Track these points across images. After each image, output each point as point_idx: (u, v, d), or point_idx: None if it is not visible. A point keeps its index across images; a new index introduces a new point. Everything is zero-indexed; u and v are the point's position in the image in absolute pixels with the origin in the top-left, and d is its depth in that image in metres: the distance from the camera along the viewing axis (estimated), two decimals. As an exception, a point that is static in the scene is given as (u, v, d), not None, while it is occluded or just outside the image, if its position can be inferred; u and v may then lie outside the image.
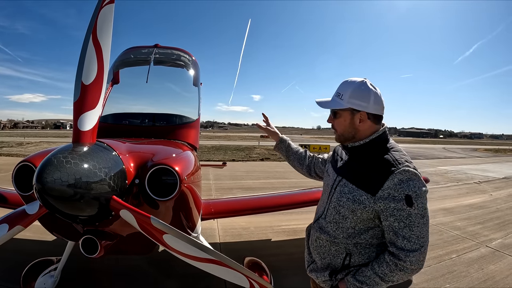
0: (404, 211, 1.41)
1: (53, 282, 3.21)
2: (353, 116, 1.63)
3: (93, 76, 1.86)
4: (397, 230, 1.43)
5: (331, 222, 1.65)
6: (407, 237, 1.42)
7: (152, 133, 3.61)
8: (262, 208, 4.06)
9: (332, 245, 1.65)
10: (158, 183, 2.09)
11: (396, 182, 1.43)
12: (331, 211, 1.66)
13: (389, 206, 1.43)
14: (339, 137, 1.73)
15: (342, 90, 1.65)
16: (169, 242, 1.72)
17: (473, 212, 7.64)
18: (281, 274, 3.79)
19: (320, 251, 1.72)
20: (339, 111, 1.67)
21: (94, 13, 1.85)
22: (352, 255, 1.60)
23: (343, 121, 1.67)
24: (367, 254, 1.59)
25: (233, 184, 10.59)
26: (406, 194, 1.41)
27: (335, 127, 1.73)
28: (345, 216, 1.58)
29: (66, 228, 2.25)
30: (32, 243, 4.61)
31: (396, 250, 1.44)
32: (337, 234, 1.62)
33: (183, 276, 3.75)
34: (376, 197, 1.46)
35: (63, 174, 1.55)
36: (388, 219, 1.45)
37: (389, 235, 1.48)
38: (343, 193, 1.60)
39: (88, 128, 1.81)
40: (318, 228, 1.74)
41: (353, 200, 1.53)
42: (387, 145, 1.61)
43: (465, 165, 19.88)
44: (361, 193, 1.51)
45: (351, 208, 1.54)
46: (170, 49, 4.45)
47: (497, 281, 3.98)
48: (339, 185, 1.66)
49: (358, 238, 1.58)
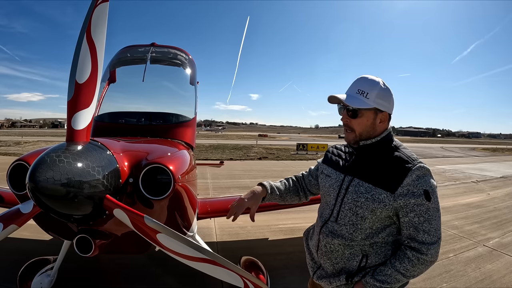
0: (423, 206, 1.43)
1: (49, 282, 3.19)
2: (375, 116, 1.58)
3: (87, 75, 1.85)
4: (417, 225, 1.45)
5: (347, 225, 1.57)
6: (427, 231, 1.44)
7: (149, 132, 3.60)
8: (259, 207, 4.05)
9: (346, 248, 1.58)
10: (152, 182, 2.09)
11: (414, 178, 1.44)
12: (345, 213, 1.58)
13: (409, 202, 1.44)
14: (355, 137, 1.62)
15: (366, 88, 1.56)
16: (163, 242, 1.71)
17: (471, 211, 7.66)
18: (278, 273, 3.79)
19: (331, 256, 1.63)
20: (362, 110, 1.57)
21: (88, 12, 1.84)
22: (368, 256, 1.56)
23: (365, 120, 1.58)
24: (383, 253, 1.57)
25: (231, 183, 10.60)
26: (424, 189, 1.44)
27: (353, 126, 1.60)
28: (364, 216, 1.53)
29: (60, 227, 2.24)
30: (28, 242, 4.60)
31: (417, 245, 1.45)
32: (354, 237, 1.55)
33: (180, 275, 3.74)
34: (396, 194, 1.45)
35: (56, 173, 1.54)
36: (408, 215, 1.46)
37: (408, 231, 1.48)
38: (359, 193, 1.53)
39: (82, 127, 1.80)
40: (328, 233, 1.64)
41: (373, 200, 1.49)
42: (393, 143, 1.62)
43: (463, 164, 19.96)
44: (380, 192, 1.48)
45: (371, 208, 1.49)
46: (167, 48, 4.44)
47: (494, 280, 3.99)
48: (351, 185, 1.59)
49: (376, 238, 1.55)
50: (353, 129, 1.61)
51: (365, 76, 1.61)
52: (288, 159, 20.45)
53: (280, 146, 33.82)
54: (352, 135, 1.63)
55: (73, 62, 1.83)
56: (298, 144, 26.70)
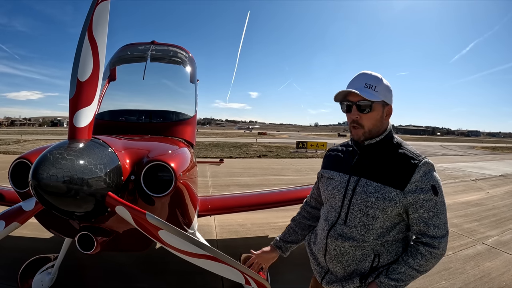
0: (432, 200, 1.46)
1: (50, 280, 3.21)
2: (383, 109, 1.58)
3: (89, 73, 1.86)
4: (427, 220, 1.46)
5: (357, 226, 1.54)
6: (436, 225, 1.47)
7: (149, 129, 3.61)
8: (259, 204, 4.07)
9: (357, 250, 1.55)
10: (153, 180, 2.10)
11: (421, 174, 1.46)
12: (355, 215, 1.55)
13: (418, 198, 1.45)
14: (365, 133, 1.58)
15: (374, 81, 1.54)
16: (165, 238, 1.72)
17: (470, 210, 7.69)
18: (278, 270, 3.80)
19: (341, 259, 1.59)
20: (374, 104, 1.54)
21: (89, 10, 1.84)
22: (380, 255, 1.56)
23: (375, 114, 1.56)
24: (394, 251, 1.58)
25: (230, 181, 10.61)
26: (432, 185, 1.46)
27: (363, 122, 1.56)
28: (375, 216, 1.51)
29: (62, 225, 2.25)
30: (29, 240, 4.61)
31: (429, 240, 1.47)
32: (366, 238, 1.53)
33: (181, 272, 3.75)
34: (405, 191, 1.46)
35: (59, 170, 1.55)
36: (418, 211, 1.47)
37: (418, 227, 1.49)
38: (369, 192, 1.51)
39: (83, 125, 1.81)
40: (337, 236, 1.59)
41: (383, 198, 1.48)
42: (395, 140, 1.62)
43: (462, 163, 20.00)
44: (390, 190, 1.48)
45: (382, 207, 1.48)
46: (167, 46, 4.44)
47: (493, 278, 4.01)
48: (359, 185, 1.56)
49: (387, 236, 1.55)
50: (362, 125, 1.57)
51: (366, 71, 1.60)
52: (287, 157, 20.47)
53: (280, 144, 33.85)
54: (361, 131, 1.58)
55: (74, 60, 1.84)
56: (297, 142, 26.70)
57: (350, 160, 1.68)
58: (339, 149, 1.83)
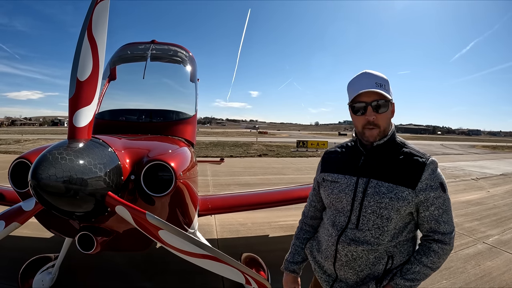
0: (441, 198, 1.48)
1: (51, 279, 3.21)
2: (391, 108, 1.57)
3: (89, 72, 1.85)
4: (438, 217, 1.48)
5: (371, 229, 1.49)
6: (446, 221, 1.49)
7: (149, 129, 3.61)
8: (259, 204, 4.06)
9: (370, 253, 1.51)
10: (153, 179, 2.09)
11: (430, 172, 1.47)
12: (368, 218, 1.50)
13: (429, 196, 1.46)
14: (379, 134, 1.54)
15: (382, 80, 1.52)
16: (165, 238, 1.72)
17: (470, 209, 7.68)
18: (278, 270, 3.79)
19: (354, 264, 1.53)
20: (388, 103, 1.52)
21: (89, 9, 1.84)
22: (394, 256, 1.53)
23: (389, 113, 1.55)
24: (406, 251, 1.57)
25: (231, 180, 10.61)
26: (440, 182, 1.48)
27: (379, 122, 1.52)
28: (389, 217, 1.47)
29: (62, 225, 2.25)
30: (29, 240, 4.61)
31: (441, 236, 1.48)
32: (381, 240, 1.49)
33: (181, 272, 3.75)
34: (417, 190, 1.46)
35: (58, 170, 1.54)
36: (429, 209, 1.48)
37: (430, 224, 1.49)
38: (382, 193, 1.47)
39: (83, 124, 1.80)
40: (349, 241, 1.52)
41: (397, 198, 1.45)
42: (398, 140, 1.60)
43: (463, 162, 19.97)
44: (402, 189, 1.46)
45: (396, 207, 1.45)
46: (167, 45, 4.44)
47: (493, 277, 4.00)
48: (369, 186, 1.50)
49: (400, 237, 1.53)
50: (378, 125, 1.52)
51: (369, 71, 1.56)
52: (288, 156, 20.46)
53: (280, 143, 33.83)
54: (377, 131, 1.53)
55: (74, 60, 1.83)
56: (298, 141, 26.71)
57: (355, 161, 1.62)
58: (338, 151, 1.76)
